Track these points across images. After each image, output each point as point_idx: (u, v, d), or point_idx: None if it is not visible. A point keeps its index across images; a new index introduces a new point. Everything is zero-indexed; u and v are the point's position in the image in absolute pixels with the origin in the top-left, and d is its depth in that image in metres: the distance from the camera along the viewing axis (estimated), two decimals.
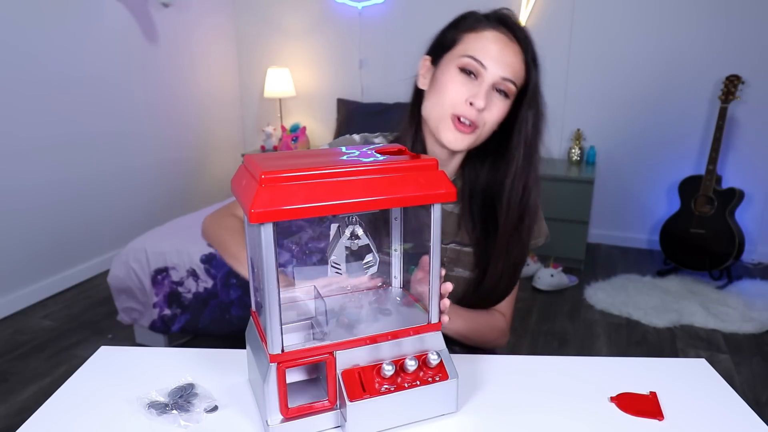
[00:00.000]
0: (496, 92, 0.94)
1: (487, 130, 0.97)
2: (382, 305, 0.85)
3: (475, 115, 0.93)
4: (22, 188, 2.75)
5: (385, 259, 0.87)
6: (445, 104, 0.95)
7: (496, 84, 0.93)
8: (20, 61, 2.68)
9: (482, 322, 1.05)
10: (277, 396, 0.70)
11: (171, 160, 3.76)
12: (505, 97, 0.95)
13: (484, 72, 0.92)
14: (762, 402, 2.11)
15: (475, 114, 0.93)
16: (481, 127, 0.95)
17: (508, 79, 0.92)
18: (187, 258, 2.26)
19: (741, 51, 3.22)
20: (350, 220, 0.76)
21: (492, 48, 0.92)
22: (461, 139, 0.95)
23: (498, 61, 0.92)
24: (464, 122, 0.94)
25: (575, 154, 3.54)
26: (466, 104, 0.93)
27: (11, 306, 2.75)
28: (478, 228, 1.04)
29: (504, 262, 1.02)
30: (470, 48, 0.93)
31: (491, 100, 0.93)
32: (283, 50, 4.19)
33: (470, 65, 0.93)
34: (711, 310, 2.78)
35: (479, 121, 0.94)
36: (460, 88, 0.93)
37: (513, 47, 0.93)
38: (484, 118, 0.94)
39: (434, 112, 0.97)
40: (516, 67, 0.93)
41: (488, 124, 0.95)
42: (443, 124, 0.95)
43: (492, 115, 0.94)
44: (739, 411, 0.80)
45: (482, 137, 0.98)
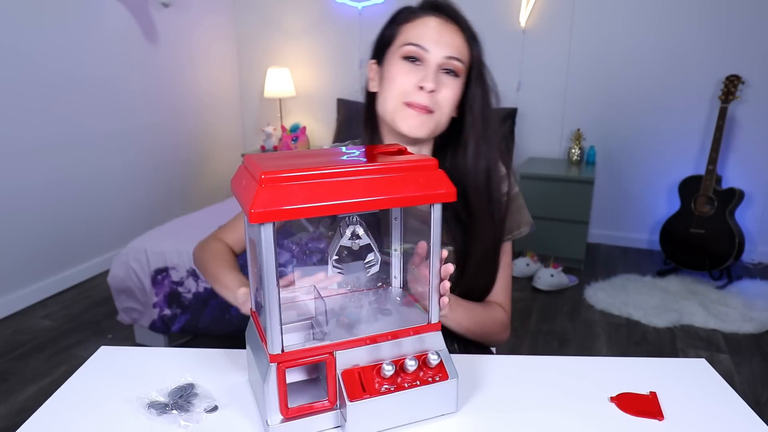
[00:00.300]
0: (444, 73, 0.95)
1: (445, 113, 0.97)
2: (382, 305, 0.85)
3: (427, 99, 0.94)
4: (22, 188, 2.75)
5: (385, 259, 0.87)
6: (396, 94, 0.96)
7: (441, 65, 0.94)
8: (20, 61, 2.68)
9: (483, 314, 1.04)
10: (277, 396, 0.71)
11: (171, 160, 3.76)
12: (454, 77, 0.96)
13: (427, 55, 0.94)
14: (762, 402, 2.11)
15: (427, 98, 0.94)
16: (436, 110, 0.96)
17: (452, 57, 0.94)
18: (187, 258, 2.26)
19: (741, 51, 3.22)
20: (351, 220, 0.76)
21: (431, 31, 0.94)
22: (419, 124, 0.96)
23: (439, 42, 0.94)
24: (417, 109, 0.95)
25: (575, 154, 3.54)
26: (416, 89, 0.94)
27: (11, 306, 2.75)
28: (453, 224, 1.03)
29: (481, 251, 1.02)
30: (410, 36, 0.96)
31: (440, 81, 0.95)
32: (283, 50, 4.19)
33: (413, 52, 0.95)
34: (711, 310, 2.78)
35: (433, 105, 0.95)
36: (408, 75, 0.95)
37: (451, 27, 0.95)
38: (437, 101, 0.95)
39: (388, 105, 0.98)
40: (457, 45, 0.95)
41: (444, 106, 0.96)
42: (399, 115, 0.96)
43: (445, 96, 0.95)
44: (739, 411, 0.80)
45: (442, 122, 0.98)
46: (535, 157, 3.73)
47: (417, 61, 0.95)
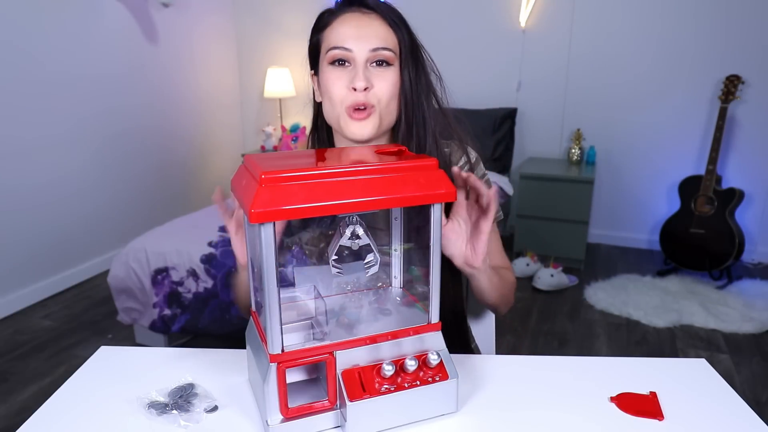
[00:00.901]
0: (375, 66, 0.93)
1: (387, 106, 0.94)
2: (382, 305, 0.85)
3: (363, 98, 0.92)
4: (22, 188, 2.75)
5: (385, 259, 0.87)
6: (335, 102, 0.95)
7: (369, 59, 0.92)
8: (20, 61, 2.68)
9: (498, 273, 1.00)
10: (277, 396, 0.71)
11: (171, 160, 3.76)
12: (387, 66, 0.93)
13: (351, 54, 0.92)
14: (762, 402, 2.11)
15: (363, 96, 0.92)
16: (376, 105, 0.93)
17: (378, 48, 0.91)
18: (187, 258, 2.26)
19: (741, 51, 3.22)
20: (350, 220, 0.76)
21: (350, 29, 0.92)
22: (363, 125, 0.94)
23: (359, 38, 0.91)
24: (359, 109, 0.93)
25: (575, 154, 3.54)
26: (350, 91, 0.92)
27: (11, 306, 2.75)
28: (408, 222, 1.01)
29: None
30: (331, 39, 0.94)
31: (372, 75, 0.92)
32: (283, 50, 4.19)
33: (337, 55, 0.93)
34: (711, 310, 2.78)
35: (371, 101, 0.93)
36: (339, 80, 0.93)
37: (369, 18, 0.92)
38: (375, 96, 0.93)
39: (332, 114, 0.97)
40: (381, 34, 0.92)
41: (383, 99, 0.93)
42: (343, 121, 0.95)
43: (382, 88, 0.93)
44: (739, 411, 0.80)
45: (388, 116, 0.96)
46: (535, 157, 3.73)
47: (345, 63, 0.93)
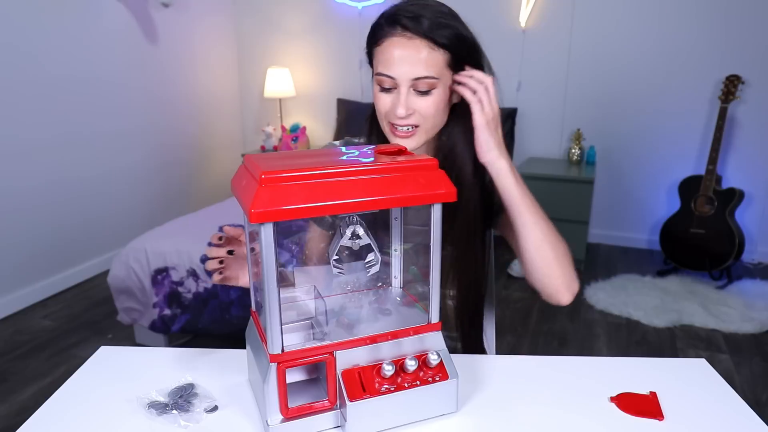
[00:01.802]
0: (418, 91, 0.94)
1: (432, 120, 0.97)
2: (382, 305, 0.85)
3: (404, 121, 0.96)
4: (22, 188, 2.75)
5: (385, 259, 0.87)
6: (380, 116, 1.00)
7: (411, 86, 0.94)
8: (20, 61, 2.68)
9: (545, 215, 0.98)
10: (277, 396, 0.71)
11: (171, 160, 3.76)
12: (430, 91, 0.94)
13: (395, 81, 0.94)
14: (762, 402, 2.11)
15: (405, 121, 0.95)
16: (421, 124, 0.96)
17: (419, 78, 0.93)
18: (187, 258, 2.26)
19: (741, 51, 3.22)
20: (351, 220, 0.76)
21: (393, 56, 0.93)
22: (407, 141, 0.97)
23: (402, 66, 0.92)
24: (402, 129, 0.97)
25: (575, 154, 3.54)
26: (394, 114, 0.95)
27: (11, 306, 2.75)
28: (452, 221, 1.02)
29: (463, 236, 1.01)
30: (379, 64, 0.96)
31: (414, 100, 0.94)
32: (283, 50, 4.19)
33: (383, 82, 0.96)
34: (711, 310, 2.78)
35: (415, 122, 0.96)
36: (384, 102, 0.97)
37: (413, 43, 0.92)
38: (418, 117, 0.96)
39: (379, 121, 1.02)
40: (424, 61, 0.92)
41: (428, 117, 0.96)
42: (387, 132, 1.00)
43: (425, 111, 0.95)
44: (739, 411, 0.80)
45: (434, 128, 0.98)
46: (535, 157, 3.73)
47: (389, 89, 0.96)
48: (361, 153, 0.78)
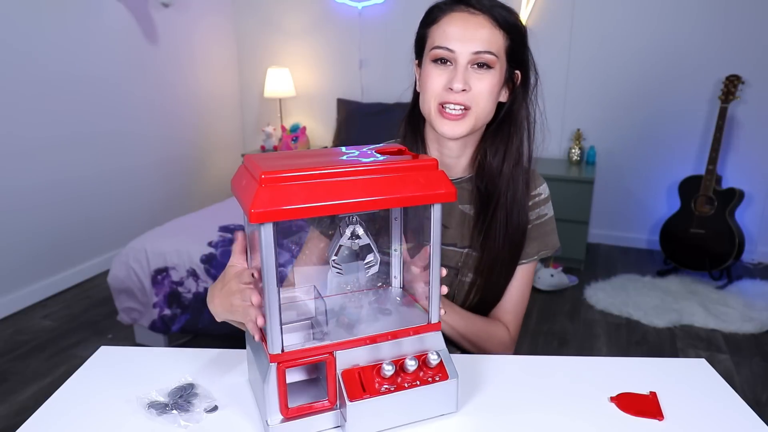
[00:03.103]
0: (476, 68, 0.93)
1: (483, 107, 0.95)
2: (382, 305, 0.85)
3: (460, 98, 0.93)
4: (22, 188, 2.75)
5: (385, 259, 0.87)
6: (430, 97, 0.96)
7: (471, 61, 0.93)
8: (20, 61, 2.68)
9: (480, 326, 1.03)
10: (277, 396, 0.70)
11: (171, 160, 3.76)
12: (488, 69, 0.93)
13: (454, 55, 0.93)
14: (762, 402, 2.11)
15: (460, 97, 0.93)
16: (473, 106, 0.94)
17: (480, 51, 0.92)
18: (187, 258, 2.26)
19: (741, 51, 3.22)
20: (350, 220, 0.76)
21: (454, 30, 0.92)
22: (455, 125, 0.95)
23: (463, 39, 0.92)
24: (452, 110, 0.94)
25: (575, 154, 3.54)
26: (448, 91, 0.93)
27: (11, 306, 2.75)
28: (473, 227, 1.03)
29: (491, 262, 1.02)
30: (436, 38, 0.94)
31: (471, 77, 0.93)
32: (283, 50, 4.19)
33: (439, 54, 0.94)
34: (711, 310, 2.78)
35: (467, 102, 0.94)
36: (438, 77, 0.94)
37: (476, 20, 0.92)
38: (472, 97, 0.94)
39: (425, 107, 0.98)
40: (486, 37, 0.92)
41: (480, 101, 0.94)
42: (435, 116, 0.96)
43: (479, 90, 0.93)
44: (739, 411, 0.80)
45: (482, 116, 0.96)
46: (535, 157, 3.73)
47: (447, 62, 0.94)
48: (361, 153, 0.78)
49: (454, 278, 1.04)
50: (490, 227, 1.01)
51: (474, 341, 1.03)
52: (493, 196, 1.01)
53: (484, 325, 1.04)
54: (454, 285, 1.04)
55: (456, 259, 1.04)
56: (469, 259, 1.04)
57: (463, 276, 1.04)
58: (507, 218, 1.00)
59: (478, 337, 1.03)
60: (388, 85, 3.84)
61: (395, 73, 3.67)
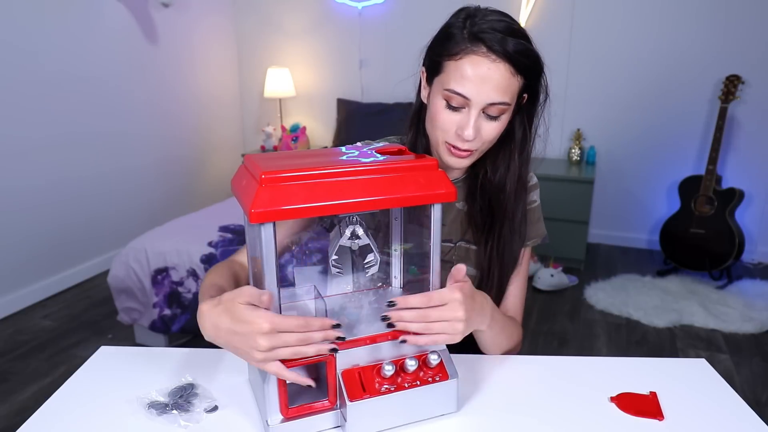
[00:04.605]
0: (487, 115, 0.90)
1: (488, 146, 0.95)
2: (382, 305, 0.85)
3: (468, 145, 0.91)
4: (22, 188, 2.75)
5: (385, 259, 0.87)
6: (437, 133, 0.94)
7: (484, 110, 0.89)
8: (20, 61, 2.68)
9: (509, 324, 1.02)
10: (277, 396, 0.71)
11: (171, 160, 3.76)
12: (499, 116, 0.91)
13: (468, 102, 0.89)
14: (762, 402, 2.11)
15: (469, 144, 0.91)
16: (479, 148, 0.93)
17: (495, 103, 0.88)
18: (187, 258, 2.26)
19: (741, 51, 3.22)
20: (351, 220, 0.76)
21: (472, 77, 0.86)
22: (460, 162, 0.94)
23: (480, 89, 0.87)
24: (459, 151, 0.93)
25: (575, 154, 3.54)
26: (456, 135, 0.91)
27: (11, 306, 2.75)
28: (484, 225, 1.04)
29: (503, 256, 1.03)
30: (451, 80, 0.88)
31: (482, 124, 0.91)
32: (283, 50, 4.19)
33: (453, 99, 0.89)
34: (711, 310, 2.78)
35: (475, 147, 0.93)
36: (448, 120, 0.91)
37: (495, 66, 0.86)
38: (481, 141, 0.92)
39: (432, 136, 0.96)
40: (502, 86, 0.87)
41: (487, 141, 0.93)
42: (441, 149, 0.95)
43: (488, 135, 0.92)
44: (739, 411, 0.80)
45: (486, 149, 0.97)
46: (535, 157, 3.73)
47: (457, 108, 0.90)
48: (361, 153, 0.78)
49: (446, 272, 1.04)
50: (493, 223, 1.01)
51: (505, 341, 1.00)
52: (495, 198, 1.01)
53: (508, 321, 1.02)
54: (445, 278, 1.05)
55: (450, 254, 1.05)
56: (463, 253, 1.05)
57: None
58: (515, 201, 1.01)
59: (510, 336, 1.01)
60: (388, 85, 3.84)
61: (395, 73, 3.67)
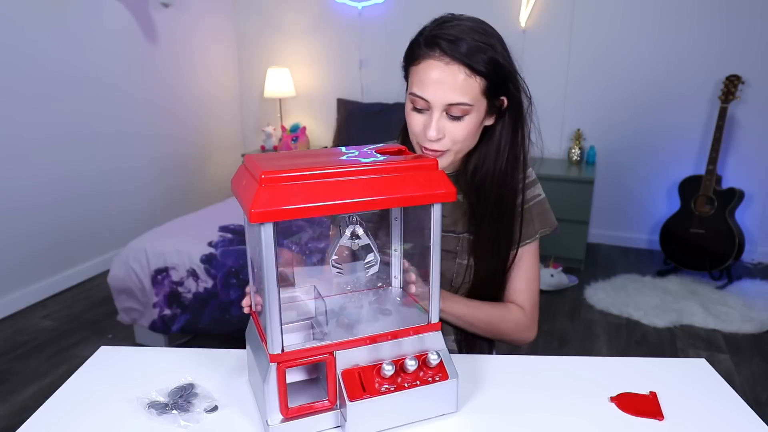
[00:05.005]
0: (451, 116, 0.94)
1: (462, 146, 0.97)
2: (382, 305, 0.85)
3: (435, 145, 0.95)
4: (22, 188, 2.75)
5: (385, 259, 0.87)
6: (411, 135, 0.99)
7: (446, 110, 0.93)
8: (20, 61, 2.68)
9: (490, 311, 1.05)
10: (277, 396, 0.70)
11: (171, 160, 3.76)
12: (463, 116, 0.94)
13: (428, 104, 0.93)
14: (762, 402, 2.11)
15: (436, 144, 0.95)
16: (452, 147, 0.96)
17: (454, 104, 0.91)
18: (187, 258, 2.26)
19: (741, 51, 3.22)
20: (350, 220, 0.76)
21: (429, 79, 0.91)
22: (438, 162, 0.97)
23: (438, 91, 0.91)
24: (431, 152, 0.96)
25: (575, 154, 3.54)
26: (425, 136, 0.95)
27: (11, 306, 2.75)
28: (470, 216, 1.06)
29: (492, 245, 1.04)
30: (414, 84, 0.95)
31: (446, 125, 0.94)
32: (283, 50, 4.19)
33: (417, 103, 0.95)
34: (711, 310, 2.78)
35: (444, 147, 0.96)
36: (416, 122, 0.96)
37: (450, 69, 0.90)
38: (449, 142, 0.95)
39: (411, 139, 1.01)
40: (459, 87, 0.91)
41: (458, 142, 0.96)
42: (417, 150, 1.00)
43: (455, 135, 0.94)
44: (739, 411, 0.80)
45: (463, 150, 0.99)
46: (535, 157, 3.73)
47: (422, 111, 0.95)
48: (361, 153, 0.78)
49: (453, 262, 1.06)
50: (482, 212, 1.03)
51: (485, 327, 1.05)
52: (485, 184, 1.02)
53: (493, 309, 1.06)
54: (453, 269, 1.06)
55: (454, 244, 1.06)
56: (464, 243, 1.07)
57: (461, 259, 1.06)
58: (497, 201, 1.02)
59: (489, 322, 1.05)
60: (388, 85, 3.84)
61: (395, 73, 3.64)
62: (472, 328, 1.05)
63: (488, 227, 1.03)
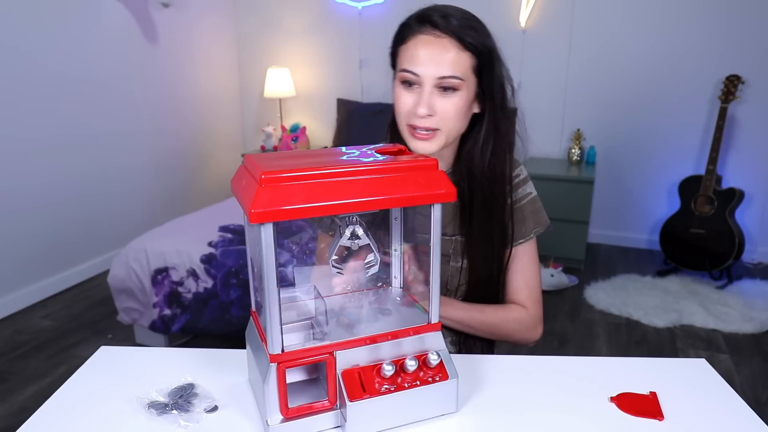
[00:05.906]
0: (442, 90, 0.94)
1: (452, 125, 0.96)
2: (382, 305, 0.85)
3: (426, 122, 0.95)
4: (22, 188, 2.75)
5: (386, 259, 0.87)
6: (400, 117, 0.99)
7: (436, 85, 0.93)
8: (20, 61, 2.68)
9: (490, 313, 1.05)
10: (277, 396, 0.70)
11: (171, 160, 3.76)
12: (454, 91, 0.94)
13: (419, 79, 0.94)
14: (762, 402, 2.11)
15: (426, 121, 0.95)
16: (441, 126, 0.95)
17: (444, 76, 0.92)
18: (187, 258, 2.26)
19: (741, 51, 3.22)
20: (350, 220, 0.76)
21: (419, 53, 0.93)
22: (426, 144, 0.97)
23: (428, 64, 0.92)
24: (421, 132, 0.96)
25: (575, 154, 3.54)
26: (415, 113, 0.95)
27: (11, 306, 2.75)
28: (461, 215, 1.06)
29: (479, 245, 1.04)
30: (404, 60, 0.96)
31: (437, 100, 0.94)
32: (283, 50, 4.19)
33: (406, 77, 0.95)
34: (711, 310, 2.78)
35: (435, 125, 0.95)
36: (405, 99, 0.97)
37: (441, 42, 0.92)
38: (439, 119, 0.95)
39: (399, 126, 1.01)
40: (451, 59, 0.92)
41: (448, 121, 0.95)
42: (407, 136, 0.99)
43: (446, 112, 0.94)
44: (739, 411, 0.80)
45: (453, 132, 0.98)
46: (535, 157, 3.73)
47: (413, 85, 0.96)
48: (361, 153, 0.78)
49: (447, 265, 1.06)
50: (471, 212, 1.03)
51: (487, 329, 1.05)
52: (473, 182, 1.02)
53: (493, 310, 1.06)
54: (447, 272, 1.06)
55: (447, 247, 1.06)
56: (458, 245, 1.07)
57: (455, 262, 1.06)
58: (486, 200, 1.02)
59: (491, 324, 1.04)
60: (388, 85, 3.81)
61: None
62: (474, 332, 1.05)
63: (479, 227, 1.03)
